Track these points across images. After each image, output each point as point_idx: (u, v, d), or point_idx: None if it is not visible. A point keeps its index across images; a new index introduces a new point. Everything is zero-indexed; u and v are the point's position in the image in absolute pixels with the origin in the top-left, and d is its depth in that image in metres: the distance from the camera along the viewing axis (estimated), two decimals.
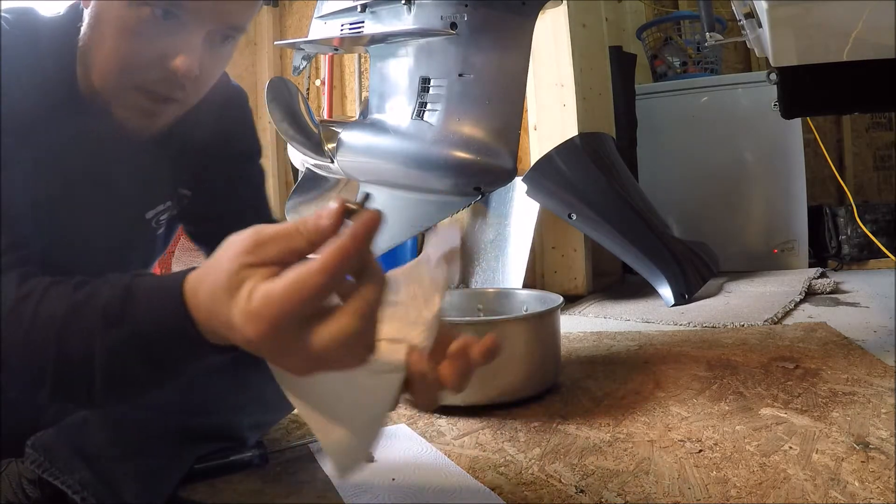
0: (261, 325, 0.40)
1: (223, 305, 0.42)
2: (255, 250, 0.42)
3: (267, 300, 0.40)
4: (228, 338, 0.44)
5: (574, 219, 2.01)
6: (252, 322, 0.40)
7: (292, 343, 0.41)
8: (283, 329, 0.40)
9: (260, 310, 0.40)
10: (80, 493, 0.65)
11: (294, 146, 1.63)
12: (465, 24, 1.40)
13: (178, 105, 0.68)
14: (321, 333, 0.41)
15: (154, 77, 0.64)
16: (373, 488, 0.79)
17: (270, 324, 0.40)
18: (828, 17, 0.95)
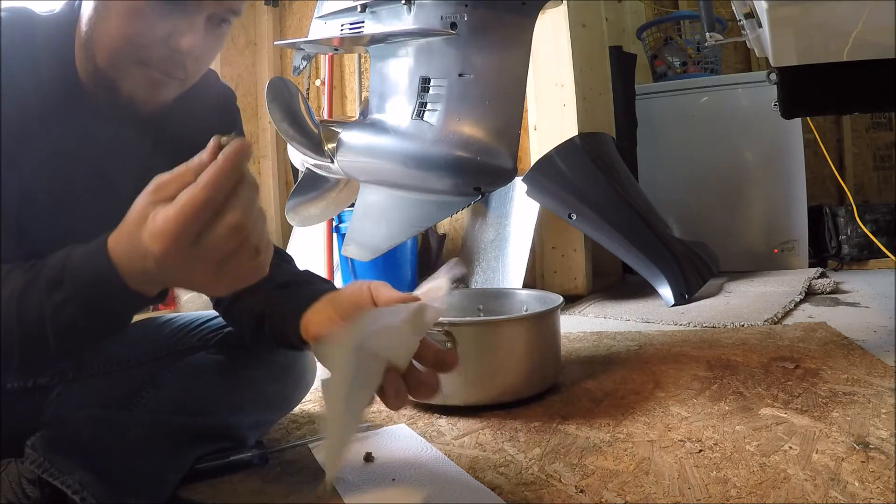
0: (164, 241, 0.49)
1: (136, 238, 0.51)
2: (156, 190, 0.51)
3: (165, 218, 0.49)
4: (143, 270, 0.52)
5: (574, 219, 2.01)
6: (157, 240, 0.49)
7: (192, 252, 0.50)
8: (182, 240, 0.49)
9: (162, 227, 0.49)
10: (80, 494, 0.65)
11: (294, 146, 1.63)
12: (465, 24, 1.40)
13: (178, 83, 0.73)
14: (212, 236, 0.50)
15: (159, 55, 0.68)
16: (373, 488, 0.79)
17: (171, 238, 0.49)
18: (828, 17, 0.95)
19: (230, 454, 0.85)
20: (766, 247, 2.51)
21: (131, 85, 0.70)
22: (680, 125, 2.61)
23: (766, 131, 2.47)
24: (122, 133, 0.77)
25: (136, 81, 0.70)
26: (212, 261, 0.51)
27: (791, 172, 2.46)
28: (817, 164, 2.77)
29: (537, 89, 2.27)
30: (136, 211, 0.52)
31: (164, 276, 0.53)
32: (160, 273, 0.52)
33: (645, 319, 1.80)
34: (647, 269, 2.02)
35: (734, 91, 2.53)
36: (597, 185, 2.08)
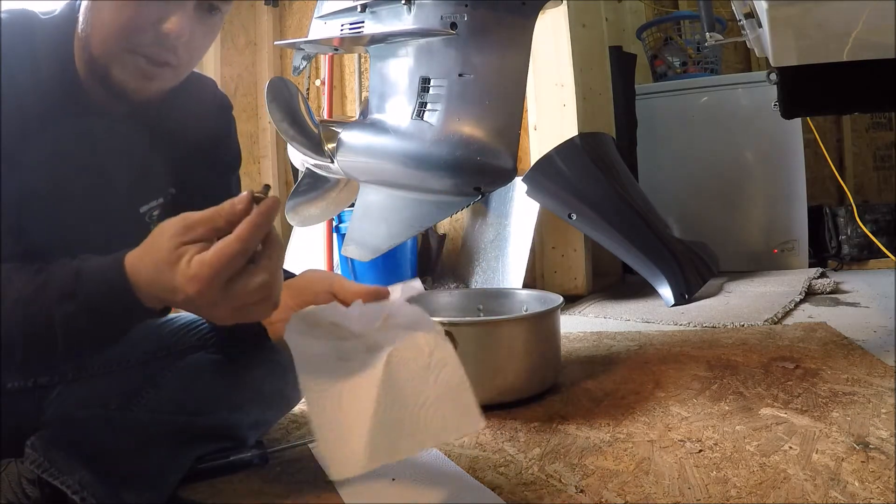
0: (199, 284, 0.55)
1: (166, 274, 0.56)
2: (186, 232, 0.57)
3: (201, 265, 0.55)
4: (169, 300, 0.58)
5: (574, 219, 2.01)
6: (192, 283, 0.55)
7: (220, 295, 0.56)
8: (214, 285, 0.55)
9: (197, 273, 0.55)
10: (80, 494, 0.65)
11: (294, 146, 1.63)
12: (465, 24, 1.40)
13: (171, 70, 0.74)
14: (241, 285, 0.57)
15: (148, 40, 0.70)
16: (373, 488, 0.79)
17: (205, 282, 0.55)
18: (828, 17, 0.95)
19: (230, 454, 0.84)
20: (766, 247, 2.51)
21: (123, 73, 0.71)
22: (680, 125, 2.61)
23: (766, 131, 2.47)
24: (120, 131, 0.78)
25: (128, 69, 0.71)
26: (237, 305, 0.57)
27: (791, 172, 2.46)
28: (817, 164, 2.77)
29: (537, 89, 2.27)
30: (166, 248, 0.56)
31: (186, 307, 0.59)
32: (184, 306, 0.58)
33: (645, 319, 1.80)
34: (647, 269, 2.02)
35: (734, 91, 2.53)
36: (597, 185, 2.08)
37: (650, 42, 2.79)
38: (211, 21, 0.74)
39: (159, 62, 0.71)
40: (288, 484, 0.82)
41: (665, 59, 2.74)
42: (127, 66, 0.71)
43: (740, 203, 2.57)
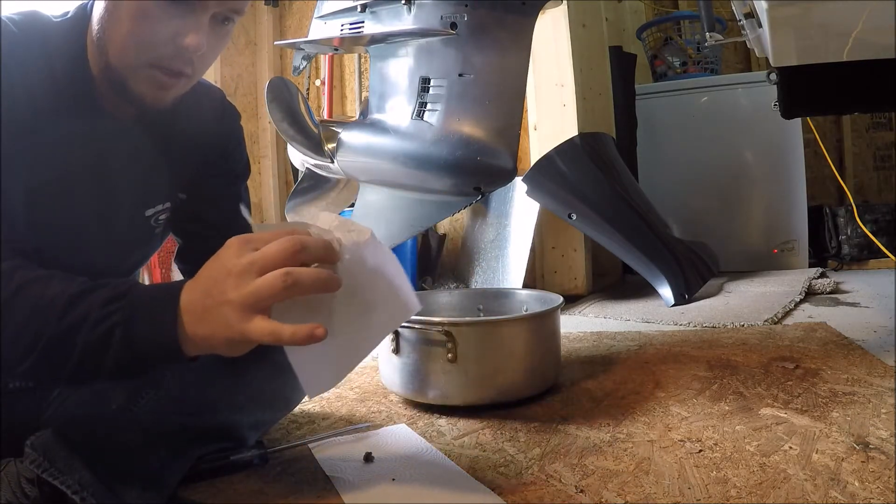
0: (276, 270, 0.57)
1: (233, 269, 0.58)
2: (248, 242, 0.60)
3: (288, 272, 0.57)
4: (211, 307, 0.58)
5: (574, 219, 2.01)
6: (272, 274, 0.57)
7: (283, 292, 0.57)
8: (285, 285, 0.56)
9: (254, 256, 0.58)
10: (80, 494, 0.65)
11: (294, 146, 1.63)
12: (465, 24, 1.40)
13: (186, 79, 0.75)
14: None
15: (167, 54, 0.71)
16: (373, 488, 0.79)
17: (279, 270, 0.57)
18: (828, 17, 0.95)
19: (230, 454, 0.85)
20: (766, 247, 2.51)
21: (142, 84, 0.72)
22: (680, 125, 2.61)
23: (766, 131, 2.47)
24: (129, 134, 0.79)
25: (147, 81, 0.72)
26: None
27: (791, 172, 2.46)
28: (817, 164, 2.77)
29: (537, 89, 2.27)
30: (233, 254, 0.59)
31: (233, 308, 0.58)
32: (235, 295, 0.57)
33: (645, 319, 1.80)
34: (647, 269, 2.02)
35: (734, 91, 2.53)
36: (597, 185, 2.08)
37: (650, 42, 2.79)
38: (224, 30, 0.75)
39: (176, 73, 0.72)
40: (288, 484, 0.82)
41: (665, 59, 2.74)
42: (145, 78, 0.72)
43: (740, 203, 2.57)
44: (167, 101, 0.76)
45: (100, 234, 0.79)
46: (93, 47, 0.73)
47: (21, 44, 0.69)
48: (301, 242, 0.58)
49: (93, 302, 0.58)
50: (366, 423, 1.02)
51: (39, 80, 0.70)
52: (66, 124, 0.72)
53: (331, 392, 1.23)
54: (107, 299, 0.59)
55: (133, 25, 0.69)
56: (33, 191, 0.70)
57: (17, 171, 0.68)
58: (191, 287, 0.60)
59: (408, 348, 1.08)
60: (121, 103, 0.75)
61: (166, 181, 0.86)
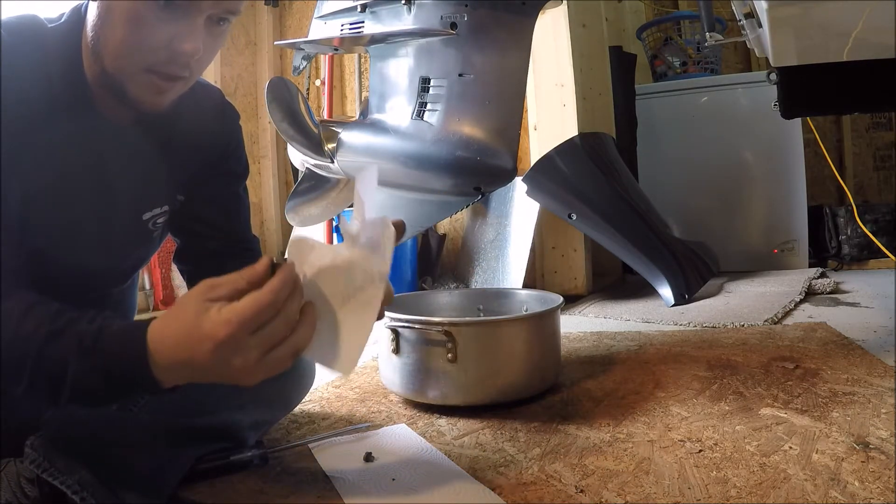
0: (230, 328, 0.57)
1: (194, 327, 0.58)
2: (210, 291, 0.60)
3: (233, 310, 0.58)
4: (192, 356, 0.58)
5: (574, 219, 2.01)
6: (223, 326, 0.57)
7: (249, 340, 0.58)
8: (245, 330, 0.57)
9: (229, 317, 0.57)
10: (80, 494, 0.65)
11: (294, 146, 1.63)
12: (465, 24, 1.40)
13: (183, 82, 0.74)
14: (269, 327, 0.59)
15: (163, 59, 0.70)
16: (373, 488, 0.79)
17: (236, 326, 0.57)
18: (828, 17, 0.95)
19: (230, 454, 0.85)
20: (766, 247, 2.51)
21: (138, 89, 0.72)
22: (680, 125, 2.61)
23: (766, 131, 2.47)
24: (126, 138, 0.79)
25: (143, 86, 0.71)
26: (261, 350, 0.59)
27: (791, 172, 2.46)
28: (817, 164, 2.77)
29: (537, 89, 2.27)
30: (192, 306, 0.59)
31: (209, 364, 0.58)
32: (209, 359, 0.58)
33: (645, 319, 1.80)
34: (647, 269, 2.02)
35: (734, 91, 2.53)
36: (597, 185, 2.08)
37: (650, 42, 2.79)
38: (219, 30, 0.74)
39: (172, 78, 0.72)
40: (288, 484, 0.82)
41: (665, 59, 2.74)
42: (141, 83, 0.71)
43: (740, 203, 2.57)
44: (164, 105, 0.75)
45: (97, 237, 0.79)
46: (88, 52, 0.72)
47: (16, 49, 0.69)
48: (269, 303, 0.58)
49: (66, 352, 0.59)
50: (366, 423, 1.02)
51: (35, 85, 0.70)
52: (63, 128, 0.72)
53: (331, 392, 1.23)
54: (81, 351, 0.59)
55: (127, 31, 0.68)
56: (30, 195, 0.70)
57: (13, 176, 0.67)
58: (162, 328, 0.60)
59: (408, 348, 1.08)
60: (118, 106, 0.75)
61: (164, 184, 0.85)
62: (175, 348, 0.59)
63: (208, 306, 0.58)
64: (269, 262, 0.62)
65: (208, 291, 0.60)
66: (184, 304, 0.60)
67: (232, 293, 0.59)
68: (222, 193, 0.93)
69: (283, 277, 0.60)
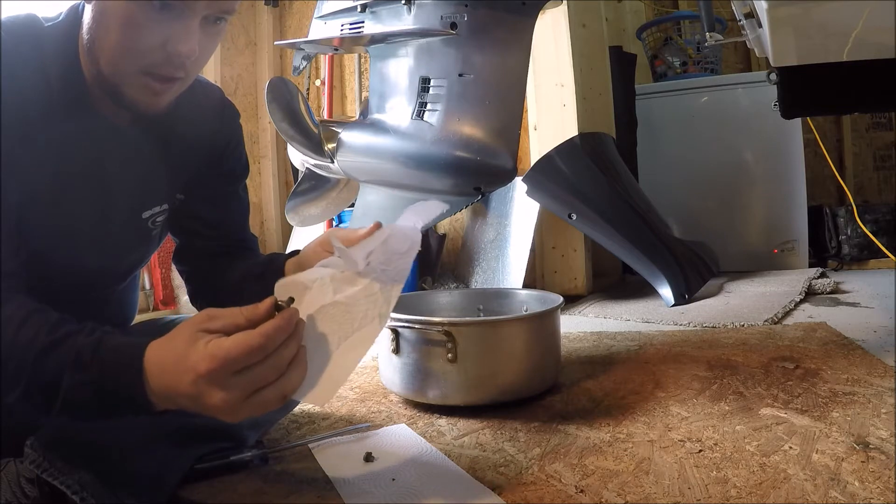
0: (212, 363, 0.56)
1: (182, 353, 0.58)
2: (208, 321, 0.59)
3: (218, 345, 0.57)
4: (176, 384, 0.58)
5: (574, 219, 2.01)
6: (205, 360, 0.56)
7: (231, 379, 0.57)
8: (227, 368, 0.56)
9: (214, 352, 0.56)
10: (80, 494, 0.65)
11: (294, 146, 1.63)
12: (465, 24, 1.40)
13: (180, 82, 0.74)
14: (252, 372, 0.57)
15: (158, 60, 0.69)
16: (373, 488, 0.79)
17: (218, 361, 0.56)
18: (828, 17, 0.95)
19: (230, 454, 0.85)
20: (766, 247, 2.51)
21: (134, 91, 0.72)
22: (680, 125, 2.61)
23: (766, 131, 2.47)
24: (124, 137, 0.79)
25: (139, 88, 0.71)
26: (244, 390, 0.58)
27: (791, 172, 2.46)
28: (817, 164, 2.77)
29: (537, 89, 2.26)
30: (187, 335, 0.59)
31: (191, 394, 0.58)
32: (190, 390, 0.57)
33: (645, 319, 1.80)
34: (647, 269, 2.02)
35: (734, 91, 2.53)
36: (597, 185, 2.08)
37: (650, 42, 2.79)
38: (216, 29, 0.73)
39: (169, 79, 0.72)
40: (288, 484, 0.82)
41: (665, 59, 2.74)
42: (137, 85, 0.71)
43: (740, 203, 2.57)
44: (162, 106, 0.75)
45: (96, 236, 0.79)
46: (84, 53, 0.72)
47: (14, 50, 0.69)
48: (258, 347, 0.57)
49: (62, 363, 0.59)
50: (366, 423, 1.02)
51: (33, 85, 0.70)
52: (62, 128, 0.72)
53: None
54: (77, 364, 0.59)
55: (122, 34, 0.68)
56: (30, 195, 0.70)
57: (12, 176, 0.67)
58: (157, 348, 0.60)
59: (408, 348, 1.08)
60: (116, 108, 0.75)
61: (164, 183, 0.85)
62: (163, 374, 0.58)
63: (199, 336, 0.58)
64: (272, 304, 0.61)
65: (205, 321, 0.59)
66: (180, 331, 0.59)
67: (228, 327, 0.59)
68: (222, 192, 0.93)
69: (278, 324, 0.58)
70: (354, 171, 1.61)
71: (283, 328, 0.59)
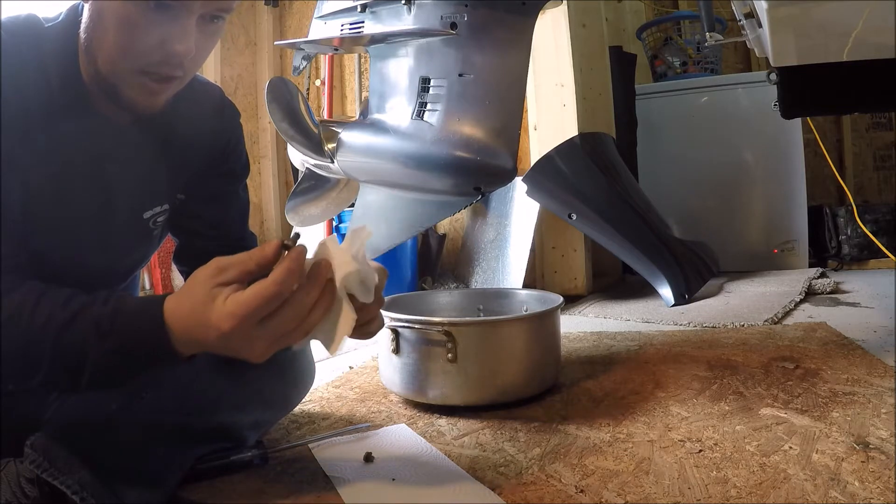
0: (234, 321, 0.58)
1: (202, 314, 0.59)
2: (219, 274, 0.60)
3: (237, 304, 0.58)
4: (202, 340, 0.60)
5: (574, 219, 2.01)
6: (228, 319, 0.58)
7: (255, 333, 0.59)
8: (250, 322, 0.58)
9: (233, 310, 0.58)
10: (80, 494, 0.65)
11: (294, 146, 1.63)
12: (465, 24, 1.39)
13: (178, 81, 0.74)
14: (275, 322, 0.59)
15: (156, 60, 0.70)
16: (373, 488, 0.79)
17: (241, 319, 0.58)
18: (828, 17, 0.95)
19: (230, 454, 0.85)
20: (766, 247, 2.51)
21: (132, 91, 0.72)
22: (680, 125, 2.61)
23: (766, 131, 2.47)
24: (124, 138, 0.79)
25: (137, 87, 0.71)
26: (268, 340, 0.60)
27: (791, 172, 2.46)
28: (817, 164, 2.77)
29: (537, 89, 2.26)
30: (200, 289, 0.60)
31: (219, 348, 0.60)
32: (218, 345, 0.60)
33: (645, 319, 1.80)
34: (647, 269, 2.02)
35: (734, 91, 2.53)
36: (597, 185, 2.07)
37: (650, 42, 2.79)
38: (213, 28, 0.73)
39: (166, 78, 0.72)
40: (288, 484, 0.82)
41: (665, 59, 2.74)
42: (135, 85, 0.71)
43: (740, 203, 2.57)
44: (159, 105, 0.75)
45: (97, 236, 0.79)
46: (82, 53, 0.72)
47: (14, 50, 0.69)
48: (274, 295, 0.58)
49: (84, 335, 0.60)
50: (366, 423, 1.02)
51: (33, 85, 0.70)
52: (62, 128, 0.72)
53: (331, 392, 1.23)
54: (98, 333, 0.60)
55: (118, 34, 0.68)
56: (30, 194, 0.70)
57: (13, 175, 0.68)
58: (175, 307, 0.61)
59: (408, 348, 1.08)
60: (115, 108, 0.75)
61: (165, 183, 0.85)
62: (187, 329, 0.60)
63: (216, 293, 0.59)
64: (278, 245, 0.61)
65: (218, 275, 0.60)
66: (196, 287, 0.60)
67: (241, 275, 0.60)
68: (222, 192, 0.93)
69: (288, 267, 0.59)
70: (354, 171, 1.61)
71: (293, 271, 0.59)
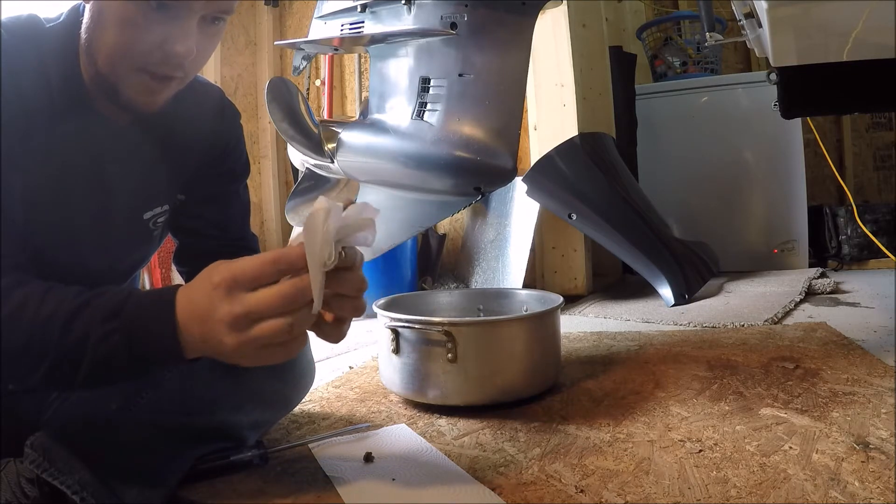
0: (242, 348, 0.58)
1: (210, 324, 0.58)
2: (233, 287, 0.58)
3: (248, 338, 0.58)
4: (207, 336, 0.59)
5: (574, 219, 2.01)
6: (237, 349, 0.58)
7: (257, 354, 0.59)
8: (254, 348, 0.59)
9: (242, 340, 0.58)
10: (80, 494, 0.65)
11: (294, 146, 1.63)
12: (465, 24, 1.40)
13: (178, 81, 0.74)
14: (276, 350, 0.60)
15: (156, 60, 0.70)
16: (373, 488, 0.79)
17: (248, 345, 0.58)
18: (828, 17, 0.95)
19: (230, 454, 0.85)
20: (766, 247, 2.51)
21: (132, 90, 0.72)
22: (680, 125, 2.61)
23: (766, 131, 2.47)
24: (125, 138, 0.79)
25: (136, 87, 0.71)
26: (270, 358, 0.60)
27: (791, 172, 2.46)
28: (817, 164, 2.77)
29: (537, 89, 2.26)
30: (212, 296, 0.59)
31: (226, 358, 0.60)
32: (225, 356, 0.60)
33: (645, 319, 1.80)
34: (647, 269, 2.02)
35: (734, 91, 2.53)
36: (597, 185, 2.08)
37: (650, 42, 2.79)
38: (214, 29, 0.73)
39: (166, 78, 0.72)
40: (288, 484, 0.82)
41: (665, 59, 2.74)
42: (134, 84, 0.71)
43: (740, 203, 2.57)
44: (159, 105, 0.75)
45: (97, 237, 0.79)
46: (83, 53, 0.72)
47: (14, 50, 0.69)
48: (299, 290, 0.58)
49: (90, 320, 0.59)
50: (366, 423, 1.02)
51: (34, 85, 0.70)
52: (62, 128, 0.72)
53: (331, 392, 1.23)
54: (104, 316, 0.59)
55: (119, 33, 0.68)
56: (30, 195, 0.70)
57: (12, 177, 0.68)
58: (185, 301, 0.60)
59: (408, 348, 1.08)
60: (115, 108, 0.75)
61: (165, 183, 0.85)
62: (196, 334, 0.59)
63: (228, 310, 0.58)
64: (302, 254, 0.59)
65: (232, 286, 0.59)
66: (205, 287, 0.59)
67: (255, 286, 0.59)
68: (222, 192, 0.93)
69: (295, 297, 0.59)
70: (354, 171, 1.61)
71: (299, 300, 0.59)
